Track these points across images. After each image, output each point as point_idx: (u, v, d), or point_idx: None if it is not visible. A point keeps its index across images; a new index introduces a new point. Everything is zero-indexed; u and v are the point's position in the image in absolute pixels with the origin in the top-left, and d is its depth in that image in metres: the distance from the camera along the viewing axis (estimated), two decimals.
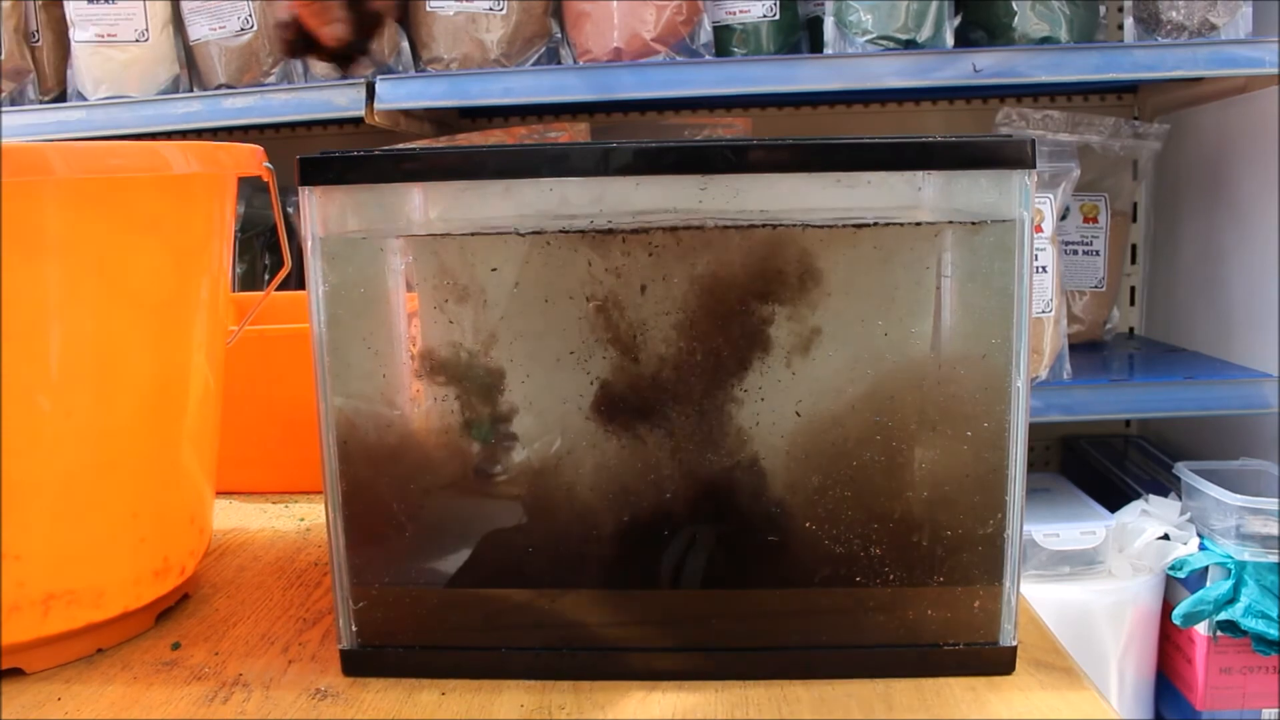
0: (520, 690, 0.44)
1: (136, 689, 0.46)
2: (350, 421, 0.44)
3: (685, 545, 0.44)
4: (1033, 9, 1.28)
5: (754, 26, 1.36)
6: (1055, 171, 1.32)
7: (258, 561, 0.60)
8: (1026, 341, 0.43)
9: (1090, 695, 0.43)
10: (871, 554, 0.44)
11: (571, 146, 0.50)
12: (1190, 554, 1.24)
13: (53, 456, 0.46)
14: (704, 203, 0.42)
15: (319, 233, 0.43)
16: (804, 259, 0.42)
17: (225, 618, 0.53)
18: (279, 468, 0.73)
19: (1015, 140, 0.41)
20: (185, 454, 0.52)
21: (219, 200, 0.52)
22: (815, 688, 0.44)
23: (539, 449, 0.44)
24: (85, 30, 1.41)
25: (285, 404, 0.70)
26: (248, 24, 1.40)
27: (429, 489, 0.45)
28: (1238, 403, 1.29)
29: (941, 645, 0.45)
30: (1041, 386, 1.27)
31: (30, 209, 0.43)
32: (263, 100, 1.37)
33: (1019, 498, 0.44)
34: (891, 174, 0.42)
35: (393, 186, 0.43)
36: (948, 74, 1.24)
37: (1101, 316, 1.53)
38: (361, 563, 0.45)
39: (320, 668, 0.47)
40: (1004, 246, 0.42)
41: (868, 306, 0.43)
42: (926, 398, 0.43)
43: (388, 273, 0.44)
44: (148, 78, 1.43)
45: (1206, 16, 1.27)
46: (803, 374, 0.43)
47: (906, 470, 0.44)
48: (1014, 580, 0.44)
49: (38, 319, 0.44)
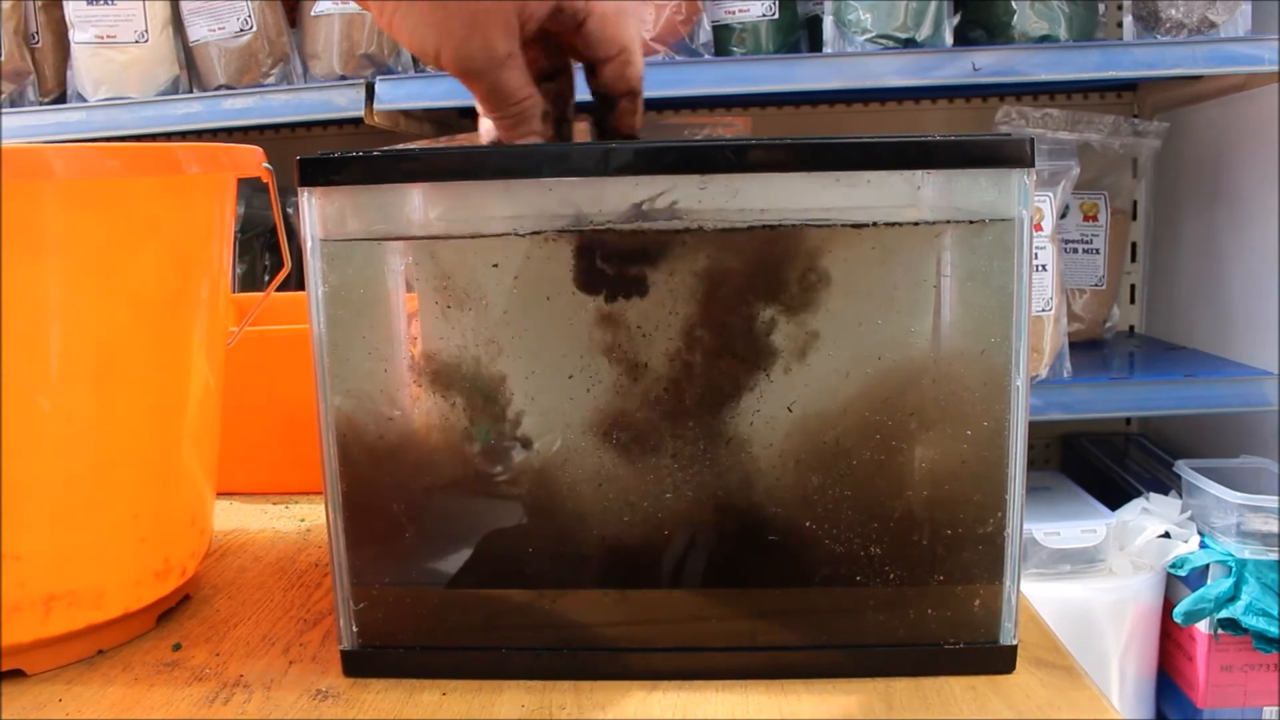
0: (521, 690, 0.45)
1: (137, 690, 0.46)
2: (350, 422, 0.44)
3: (685, 545, 0.44)
4: (1032, 7, 1.28)
5: (753, 26, 1.36)
6: (1055, 170, 1.32)
7: (258, 562, 0.60)
8: (1026, 340, 0.43)
9: (1091, 693, 0.43)
10: (871, 553, 0.44)
11: (571, 146, 0.50)
12: (1191, 552, 1.24)
13: (53, 457, 0.46)
14: (703, 202, 0.42)
15: (318, 234, 0.43)
16: (803, 258, 0.42)
17: (226, 619, 0.53)
18: (279, 468, 0.73)
19: (1014, 139, 0.41)
20: (186, 454, 0.52)
21: (219, 201, 0.52)
22: (816, 687, 0.44)
23: (540, 449, 0.44)
24: (85, 31, 1.41)
25: (285, 404, 0.70)
26: (247, 25, 1.40)
27: (429, 489, 0.45)
28: (1238, 400, 1.29)
29: (942, 644, 0.45)
30: (1042, 385, 1.27)
31: (30, 210, 0.43)
32: (262, 101, 1.37)
33: (1019, 496, 0.44)
34: (891, 173, 0.42)
35: (392, 187, 0.43)
36: (947, 73, 1.24)
37: (1101, 315, 1.53)
38: (362, 563, 0.45)
39: (321, 668, 0.47)
40: (1003, 245, 0.42)
41: (867, 306, 0.43)
42: (926, 396, 0.43)
43: (387, 273, 0.44)
44: (147, 79, 1.43)
45: (1206, 14, 1.27)
46: (802, 373, 0.43)
47: (906, 469, 0.44)
48: (1014, 579, 0.44)
49: (38, 320, 0.44)
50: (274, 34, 1.42)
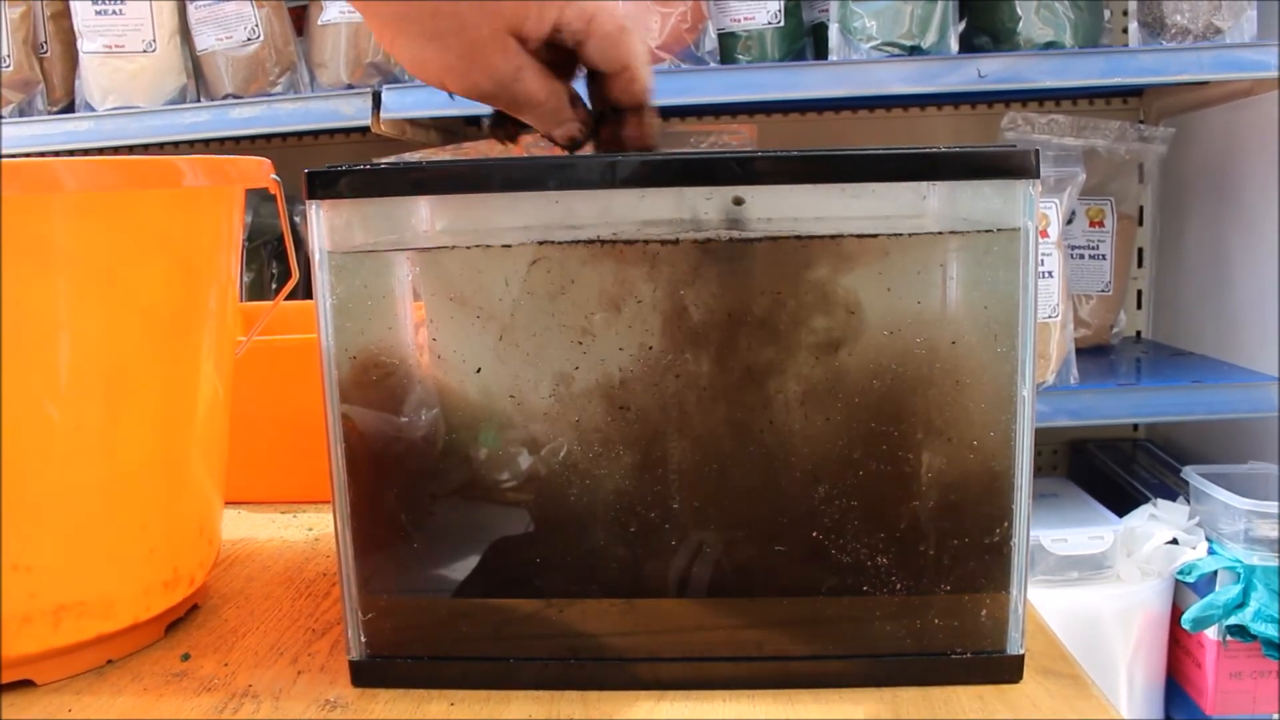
0: (529, 700, 0.45)
1: (146, 700, 0.46)
2: (358, 431, 0.44)
3: (693, 554, 0.45)
4: (1037, 13, 1.28)
5: (759, 33, 1.36)
6: (1061, 176, 1.32)
7: (266, 572, 0.61)
8: (1033, 350, 0.43)
9: (1099, 703, 0.43)
10: (878, 563, 0.44)
11: (577, 158, 0.50)
12: (1199, 558, 1.23)
13: (62, 468, 0.46)
14: (710, 214, 0.42)
15: (326, 246, 0.43)
16: (809, 269, 0.42)
17: (234, 628, 0.53)
18: (287, 478, 0.73)
19: (1019, 150, 0.41)
20: (194, 464, 0.52)
21: (227, 213, 0.52)
22: (823, 697, 0.44)
23: (547, 458, 0.44)
24: (93, 41, 1.42)
25: (293, 414, 0.71)
26: (254, 34, 1.41)
27: (437, 499, 0.45)
28: (1246, 406, 1.29)
29: (949, 654, 0.45)
30: (1049, 391, 1.27)
31: (39, 223, 0.43)
32: (270, 110, 1.38)
33: (1025, 505, 0.44)
34: (896, 184, 0.42)
35: (399, 199, 0.43)
36: (953, 79, 1.24)
37: (1108, 320, 1.53)
38: (370, 573, 0.45)
39: (329, 678, 0.47)
40: (1009, 255, 0.42)
41: (873, 315, 0.43)
42: (932, 405, 0.43)
43: (395, 284, 0.44)
44: (155, 88, 1.44)
45: (1211, 20, 1.27)
46: (809, 384, 0.43)
47: (913, 478, 0.44)
48: (1021, 588, 0.44)
49: (47, 332, 0.45)
50: (281, 43, 1.43)
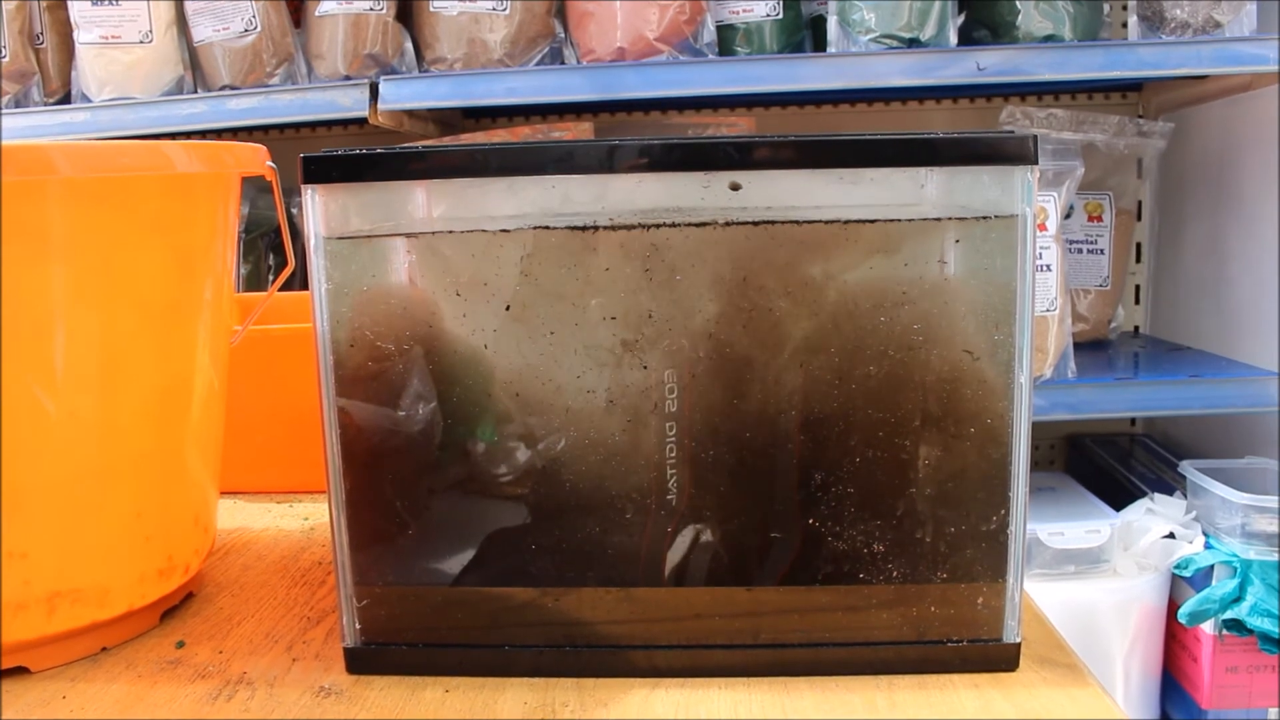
0: (524, 688, 0.45)
1: (141, 687, 0.46)
2: (354, 420, 0.44)
3: (688, 542, 0.44)
4: (1037, 7, 1.28)
5: (757, 26, 1.36)
6: (1059, 170, 1.31)
7: (262, 560, 0.61)
8: (1030, 336, 0.43)
9: (1095, 692, 0.43)
10: (875, 551, 0.44)
11: (575, 144, 0.50)
12: (1196, 553, 1.23)
13: (58, 456, 0.46)
14: (706, 200, 0.42)
15: (321, 231, 0.43)
16: (807, 255, 0.42)
17: (229, 616, 0.53)
18: (283, 467, 0.73)
19: (1017, 136, 0.41)
20: (190, 453, 0.52)
21: (223, 200, 0.52)
22: (819, 685, 0.44)
23: (543, 447, 0.44)
24: (89, 32, 1.41)
25: (289, 403, 0.70)
26: (251, 25, 1.40)
27: (432, 488, 0.45)
28: (1243, 401, 1.28)
29: (945, 642, 0.45)
30: (1046, 385, 1.27)
31: (34, 209, 0.43)
32: (267, 101, 1.37)
33: (1022, 494, 0.43)
34: (895, 170, 0.42)
35: (396, 185, 0.43)
36: (951, 73, 1.24)
37: (1106, 315, 1.53)
38: (365, 561, 0.45)
39: (324, 666, 0.47)
40: (1007, 242, 0.42)
41: (870, 302, 0.43)
42: (929, 394, 0.43)
43: (391, 270, 0.44)
44: (152, 79, 1.43)
45: (1211, 14, 1.26)
46: (806, 370, 0.43)
47: (910, 467, 0.44)
48: (1017, 577, 0.44)
49: (42, 319, 0.45)
50: (278, 34, 1.42)
